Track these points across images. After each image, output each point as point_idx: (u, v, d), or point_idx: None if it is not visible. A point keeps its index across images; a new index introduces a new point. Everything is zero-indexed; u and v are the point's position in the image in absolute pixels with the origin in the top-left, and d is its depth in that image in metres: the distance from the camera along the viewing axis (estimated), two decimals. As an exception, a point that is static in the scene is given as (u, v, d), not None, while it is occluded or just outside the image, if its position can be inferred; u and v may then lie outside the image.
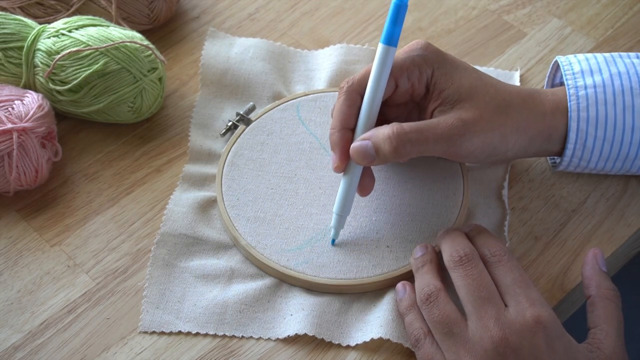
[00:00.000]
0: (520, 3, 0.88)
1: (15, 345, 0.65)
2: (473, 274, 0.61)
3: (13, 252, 0.70)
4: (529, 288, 0.61)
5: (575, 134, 0.68)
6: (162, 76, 0.77)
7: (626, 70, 0.69)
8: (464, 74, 0.67)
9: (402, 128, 0.65)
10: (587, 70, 0.69)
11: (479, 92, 0.66)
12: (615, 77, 0.69)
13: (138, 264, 0.69)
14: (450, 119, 0.65)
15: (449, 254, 0.63)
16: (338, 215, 0.68)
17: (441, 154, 0.66)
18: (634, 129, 0.68)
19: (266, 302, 0.67)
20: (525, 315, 0.59)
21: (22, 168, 0.71)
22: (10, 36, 0.75)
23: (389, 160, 0.65)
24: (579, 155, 0.69)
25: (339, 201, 0.68)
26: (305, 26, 0.87)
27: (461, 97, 0.66)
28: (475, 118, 0.65)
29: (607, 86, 0.68)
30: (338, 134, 0.67)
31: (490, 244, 0.64)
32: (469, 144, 0.65)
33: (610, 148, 0.69)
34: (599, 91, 0.68)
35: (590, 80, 0.68)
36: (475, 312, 0.60)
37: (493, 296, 0.60)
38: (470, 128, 0.65)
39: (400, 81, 0.67)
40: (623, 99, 0.68)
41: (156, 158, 0.76)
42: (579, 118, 0.68)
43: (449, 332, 0.60)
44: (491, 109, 0.66)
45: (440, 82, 0.67)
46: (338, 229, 0.68)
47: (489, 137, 0.66)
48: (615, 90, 0.68)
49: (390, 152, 0.64)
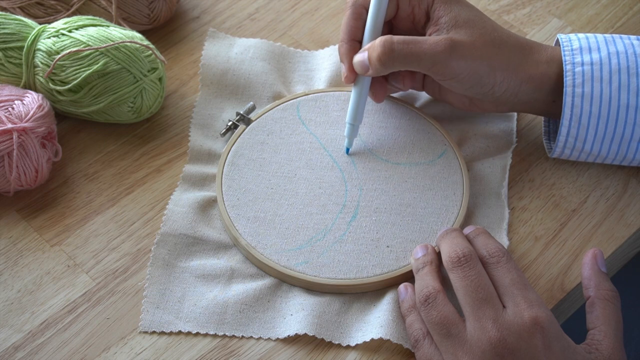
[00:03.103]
0: (520, 3, 0.88)
1: (15, 345, 0.65)
2: (471, 275, 0.61)
3: (13, 252, 0.70)
4: (527, 289, 0.61)
5: (570, 109, 0.69)
6: (162, 76, 0.77)
7: (624, 50, 0.70)
8: (465, 7, 0.70)
9: (390, 38, 0.68)
10: (586, 47, 0.70)
11: (476, 24, 0.69)
12: (612, 55, 0.69)
13: (138, 264, 0.69)
14: (440, 38, 0.68)
15: (447, 254, 0.63)
16: (350, 125, 0.73)
17: (426, 71, 0.69)
18: (628, 107, 0.68)
19: (266, 302, 0.67)
20: (523, 316, 0.59)
21: (22, 168, 0.71)
22: (10, 36, 0.75)
23: (379, 69, 0.69)
24: (574, 134, 0.70)
25: (351, 110, 0.72)
26: (305, 26, 0.87)
27: (457, 24, 0.69)
28: (465, 42, 0.68)
29: (603, 64, 0.69)
30: (346, 45, 0.71)
31: (489, 245, 0.64)
32: (455, 64, 0.68)
33: (605, 127, 0.69)
34: (595, 68, 0.69)
35: (587, 57, 0.69)
36: (473, 313, 0.60)
37: (491, 297, 0.60)
38: (458, 49, 0.68)
39: (402, 3, 0.70)
40: (619, 77, 0.68)
41: (156, 158, 0.76)
42: (573, 93, 0.68)
43: (447, 333, 0.60)
44: (484, 40, 0.69)
45: (439, 9, 0.70)
46: (351, 138, 0.73)
47: (476, 64, 0.68)
48: (612, 68, 0.69)
49: (376, 60, 0.68)
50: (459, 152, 0.74)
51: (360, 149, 0.74)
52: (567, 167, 0.75)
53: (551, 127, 0.76)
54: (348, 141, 0.73)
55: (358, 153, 0.74)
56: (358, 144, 0.75)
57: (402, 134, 0.75)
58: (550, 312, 0.60)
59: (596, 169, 0.75)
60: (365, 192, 0.72)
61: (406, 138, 0.75)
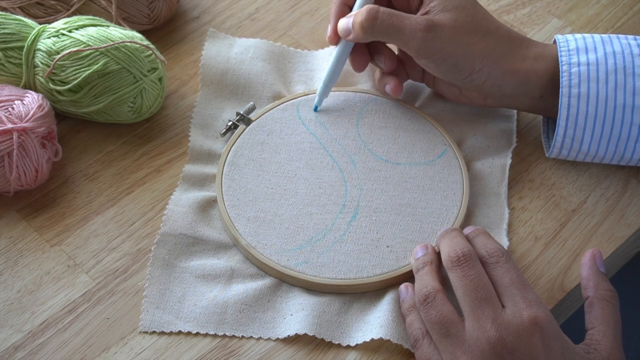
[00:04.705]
0: (520, 3, 0.88)
1: (15, 345, 0.65)
2: (470, 275, 0.61)
3: (13, 252, 0.70)
4: (526, 289, 0.61)
5: (567, 109, 0.69)
6: (162, 76, 0.77)
7: (621, 50, 0.70)
8: None
9: (377, 7, 0.70)
10: (583, 48, 0.70)
11: (465, 11, 0.71)
12: (609, 56, 0.69)
13: (138, 264, 0.69)
14: (423, 18, 0.70)
15: (447, 253, 0.63)
16: (324, 85, 0.76)
17: (403, 46, 0.71)
18: (625, 107, 0.68)
19: (266, 302, 0.67)
20: (522, 316, 0.59)
21: (22, 168, 0.71)
22: (10, 36, 0.75)
23: (360, 36, 0.72)
24: (571, 134, 0.70)
25: (328, 71, 0.75)
26: (305, 26, 0.87)
27: (445, 9, 0.71)
28: (445, 25, 0.70)
29: (600, 64, 0.69)
30: (336, 7, 0.75)
31: (489, 245, 0.64)
32: (430, 44, 0.70)
33: (602, 127, 0.69)
34: (592, 69, 0.69)
35: (584, 57, 0.70)
36: (472, 312, 0.60)
37: (490, 297, 0.60)
38: (435, 30, 0.70)
39: None
40: (615, 77, 0.69)
41: (156, 158, 0.76)
42: (570, 94, 0.69)
43: (446, 333, 0.60)
44: (467, 27, 0.70)
45: None
46: (322, 97, 0.76)
47: (453, 48, 0.70)
48: (608, 68, 0.69)
49: (359, 25, 0.71)
50: (459, 152, 0.74)
51: (360, 149, 0.74)
52: (567, 167, 0.75)
53: (550, 126, 0.76)
54: (318, 99, 0.76)
55: (358, 153, 0.74)
56: (358, 144, 0.75)
57: (402, 134, 0.75)
58: (549, 312, 0.60)
59: (596, 169, 0.75)
60: (365, 192, 0.72)
61: (406, 138, 0.75)
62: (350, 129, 0.76)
